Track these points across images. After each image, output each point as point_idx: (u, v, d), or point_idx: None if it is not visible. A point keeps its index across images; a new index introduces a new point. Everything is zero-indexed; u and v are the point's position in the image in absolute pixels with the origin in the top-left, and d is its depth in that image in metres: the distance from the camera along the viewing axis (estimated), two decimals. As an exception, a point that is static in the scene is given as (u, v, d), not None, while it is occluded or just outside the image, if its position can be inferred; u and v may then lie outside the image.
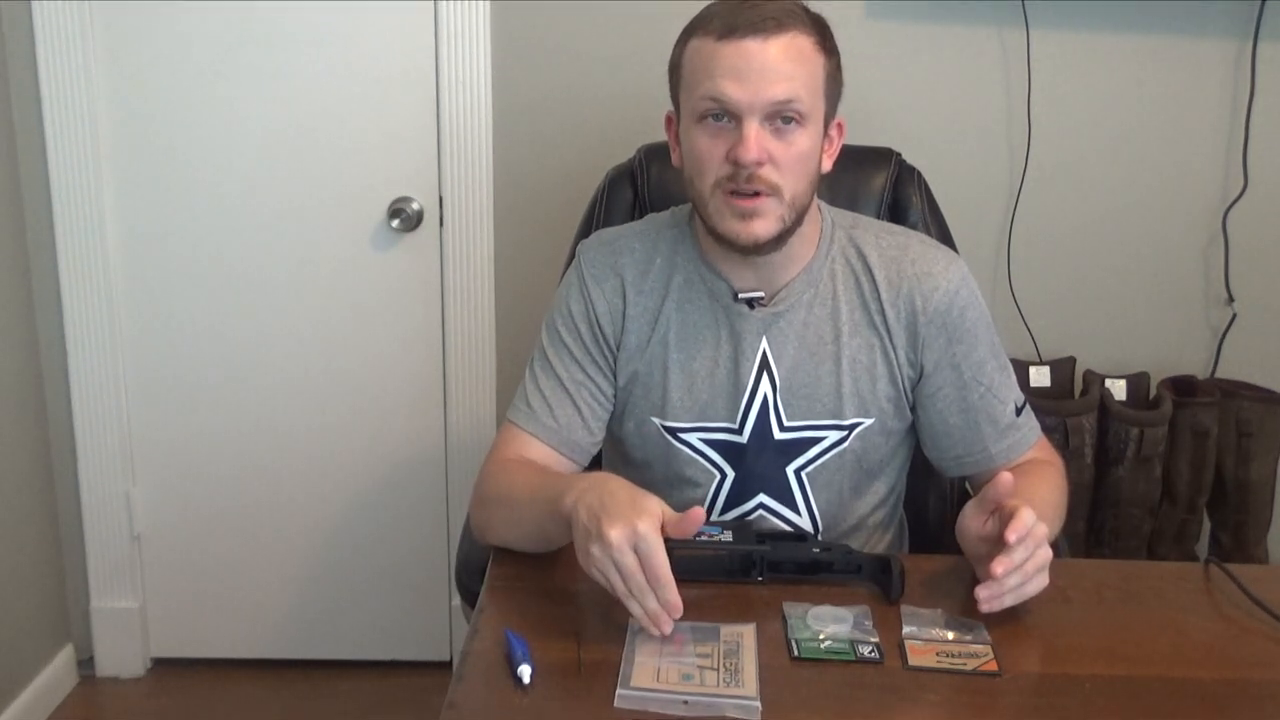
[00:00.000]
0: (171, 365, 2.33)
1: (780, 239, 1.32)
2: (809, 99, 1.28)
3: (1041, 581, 1.18)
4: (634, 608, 1.11)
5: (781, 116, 1.27)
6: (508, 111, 2.21)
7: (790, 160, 1.28)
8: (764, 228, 1.30)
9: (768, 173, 1.27)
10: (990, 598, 1.15)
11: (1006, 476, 1.20)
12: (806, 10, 1.31)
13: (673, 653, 1.11)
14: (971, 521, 1.22)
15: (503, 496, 1.34)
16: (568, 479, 1.26)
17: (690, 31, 1.32)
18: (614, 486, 1.17)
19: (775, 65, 1.25)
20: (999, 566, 1.14)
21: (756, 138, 1.26)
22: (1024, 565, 1.15)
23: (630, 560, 1.09)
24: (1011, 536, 1.14)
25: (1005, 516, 1.17)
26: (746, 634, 1.15)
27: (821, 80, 1.30)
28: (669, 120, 1.39)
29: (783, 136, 1.27)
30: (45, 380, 2.31)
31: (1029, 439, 1.45)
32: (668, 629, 1.11)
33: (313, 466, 2.38)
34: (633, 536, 1.09)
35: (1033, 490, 1.32)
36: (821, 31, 1.31)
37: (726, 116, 1.27)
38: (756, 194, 1.28)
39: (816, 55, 1.29)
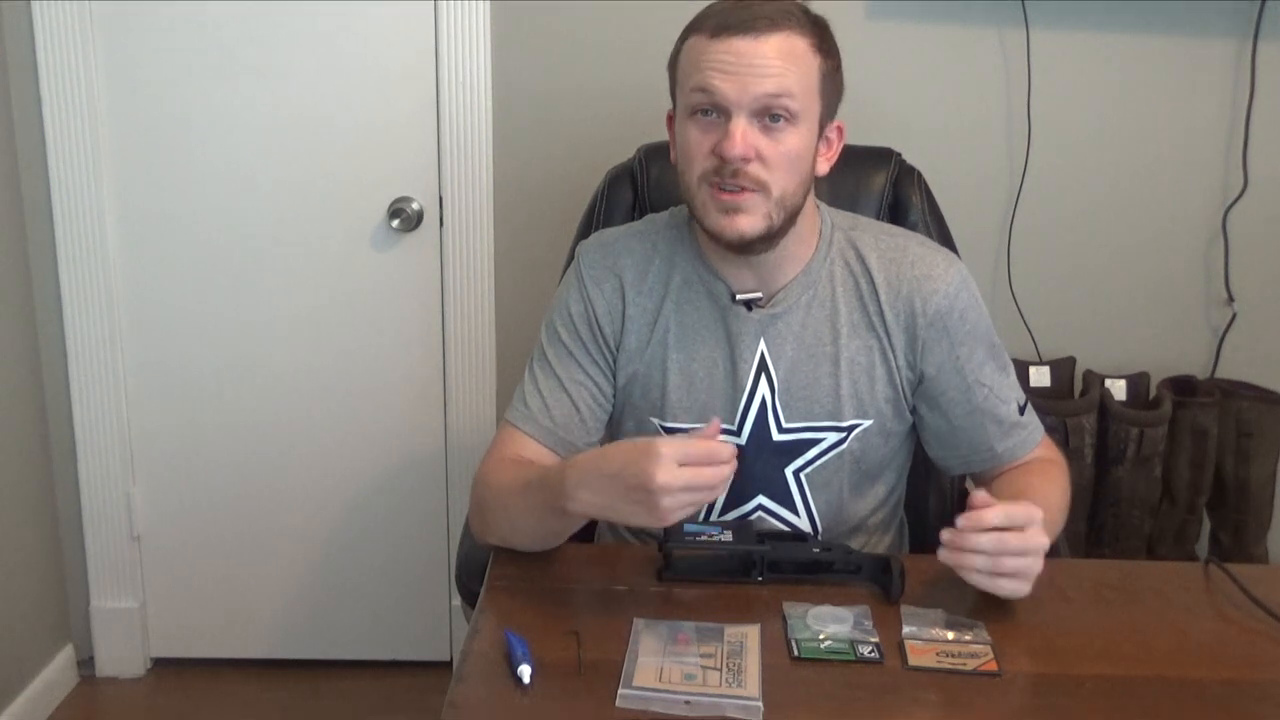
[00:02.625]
0: (171, 365, 2.33)
1: (770, 238, 1.32)
2: (801, 97, 1.27)
3: (1034, 565, 1.17)
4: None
5: (770, 114, 1.26)
6: (508, 111, 2.21)
7: (778, 158, 1.28)
8: (749, 224, 1.29)
9: (754, 169, 1.27)
10: (951, 546, 1.17)
11: (980, 495, 1.19)
12: (805, 11, 1.30)
13: (676, 652, 1.12)
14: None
15: (499, 497, 1.34)
16: (555, 472, 1.25)
17: (688, 31, 1.32)
18: (606, 453, 1.19)
19: (765, 62, 1.25)
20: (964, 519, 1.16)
21: (743, 134, 1.26)
22: (1009, 545, 1.16)
23: (688, 474, 1.12)
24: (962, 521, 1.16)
25: None
26: (751, 634, 1.15)
27: (816, 80, 1.29)
28: (669, 119, 1.39)
29: (771, 134, 1.27)
30: (45, 380, 2.31)
31: (1034, 437, 1.45)
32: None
33: (313, 466, 2.38)
34: (668, 460, 1.11)
35: (1038, 489, 1.32)
36: (819, 33, 1.30)
37: (716, 112, 1.27)
38: (742, 190, 1.28)
39: (811, 55, 1.29)
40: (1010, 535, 1.16)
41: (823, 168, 1.36)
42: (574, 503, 1.19)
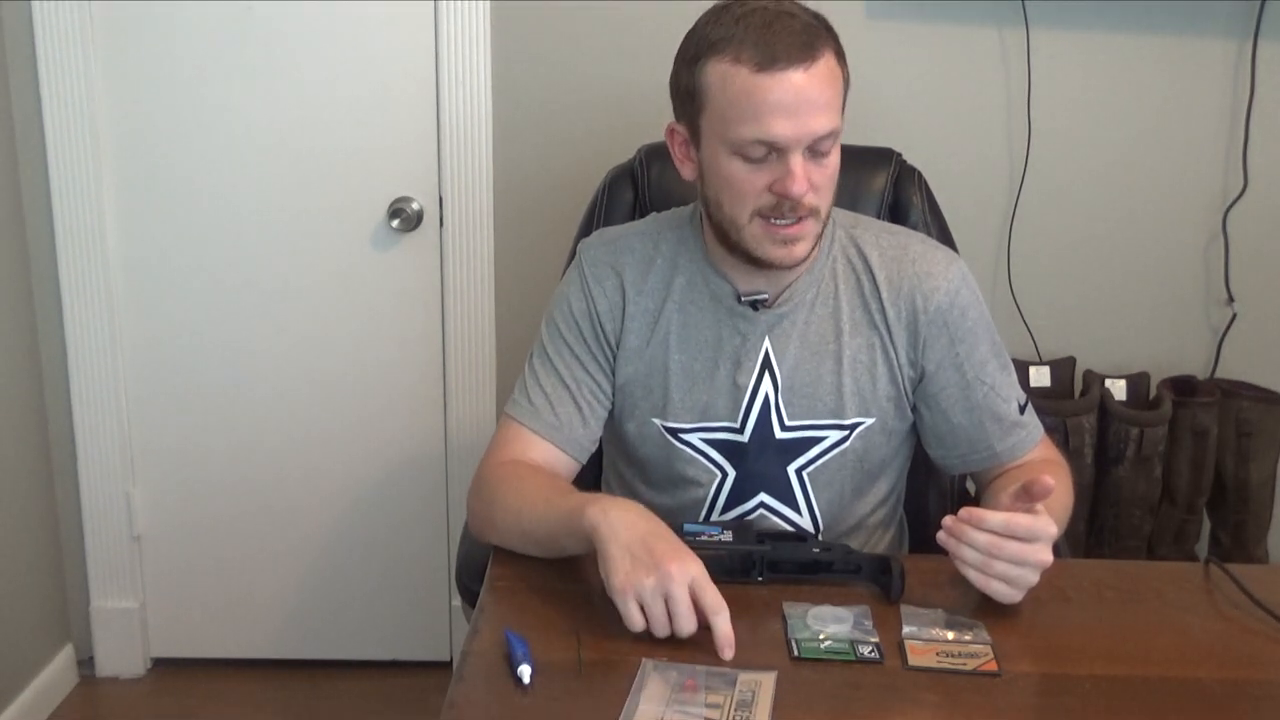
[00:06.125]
0: (171, 365, 2.33)
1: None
2: (840, 120, 1.28)
3: (1027, 576, 1.18)
4: (659, 630, 1.12)
5: (820, 144, 1.26)
6: (508, 112, 2.21)
7: (825, 181, 1.29)
8: (804, 249, 1.31)
9: (809, 199, 1.27)
10: (949, 532, 1.17)
11: (1049, 481, 1.18)
12: (817, 17, 1.28)
13: (681, 700, 1.05)
14: (1007, 505, 1.22)
15: (509, 500, 1.34)
16: (583, 495, 1.26)
17: (709, 52, 1.26)
18: (655, 524, 1.18)
19: (816, 96, 1.24)
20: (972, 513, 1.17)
21: (803, 171, 1.25)
22: (1005, 551, 1.16)
23: (685, 595, 1.11)
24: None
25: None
26: (765, 684, 1.08)
27: (843, 92, 1.30)
28: (671, 132, 1.36)
29: (819, 160, 1.27)
30: (45, 381, 2.31)
31: (1034, 436, 1.45)
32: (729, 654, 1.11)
33: (313, 466, 2.38)
34: (687, 575, 1.11)
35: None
36: (836, 39, 1.29)
37: (768, 149, 1.26)
38: (798, 220, 1.28)
39: (840, 70, 1.28)
40: (1010, 543, 1.16)
41: None
42: (589, 515, 1.18)
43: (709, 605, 1.11)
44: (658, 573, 1.11)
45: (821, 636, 1.16)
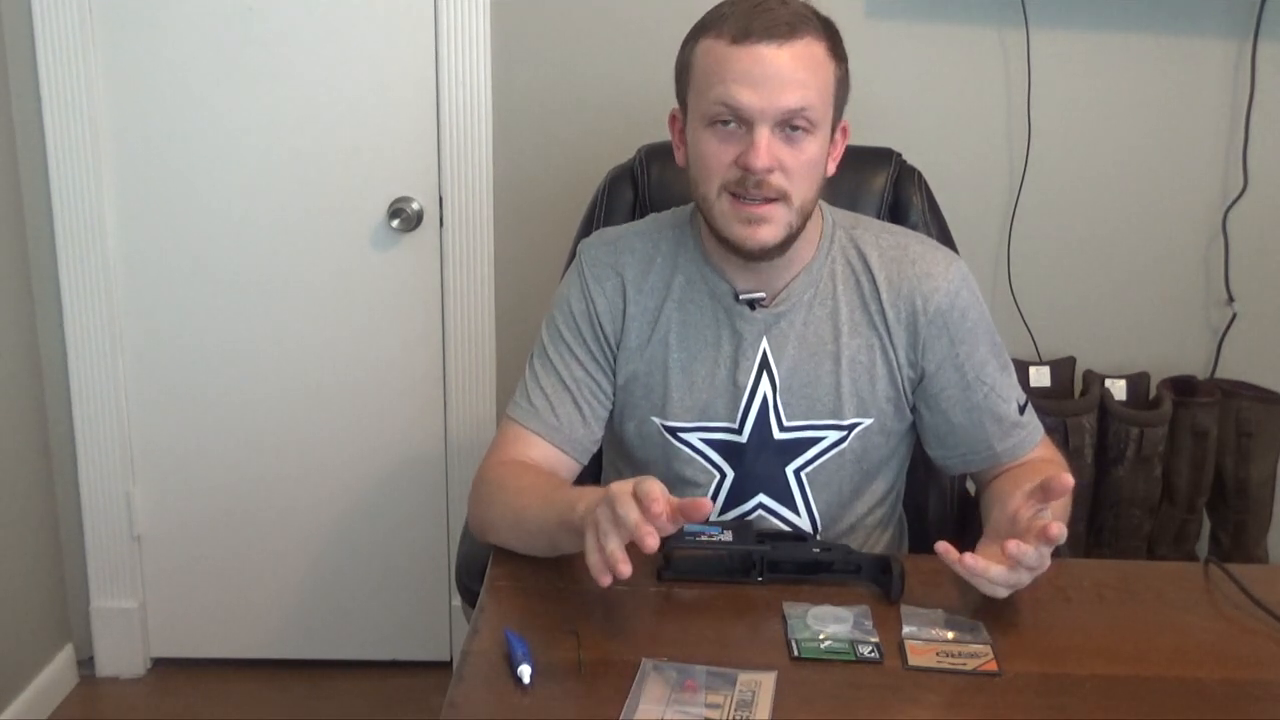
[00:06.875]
0: (171, 364, 2.33)
1: (785, 244, 1.32)
2: (820, 107, 1.28)
3: (1020, 578, 1.18)
4: (611, 543, 1.07)
5: (792, 124, 1.26)
6: (508, 112, 2.21)
7: (799, 167, 1.28)
8: (770, 234, 1.30)
9: (777, 179, 1.27)
10: (971, 568, 1.16)
11: (1068, 479, 1.18)
12: (817, 14, 1.30)
13: (681, 700, 1.05)
14: (1019, 502, 1.22)
15: (509, 500, 1.34)
16: (579, 490, 1.26)
17: (700, 31, 1.31)
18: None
19: (789, 72, 1.25)
20: (1011, 546, 1.14)
21: (768, 145, 1.25)
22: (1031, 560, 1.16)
23: (630, 505, 1.07)
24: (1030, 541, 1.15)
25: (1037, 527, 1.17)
26: (765, 683, 1.08)
27: (832, 86, 1.30)
28: (673, 118, 1.39)
29: (793, 144, 1.27)
30: (45, 381, 2.31)
31: (1034, 437, 1.45)
32: (626, 569, 1.07)
33: (313, 466, 2.38)
34: (633, 487, 1.08)
35: None
36: (833, 37, 1.30)
37: (736, 122, 1.27)
38: (765, 200, 1.28)
39: (828, 62, 1.29)
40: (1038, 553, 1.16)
41: (831, 168, 1.36)
42: (578, 509, 1.17)
43: (641, 490, 1.07)
44: (603, 502, 1.09)
45: (821, 636, 1.16)
